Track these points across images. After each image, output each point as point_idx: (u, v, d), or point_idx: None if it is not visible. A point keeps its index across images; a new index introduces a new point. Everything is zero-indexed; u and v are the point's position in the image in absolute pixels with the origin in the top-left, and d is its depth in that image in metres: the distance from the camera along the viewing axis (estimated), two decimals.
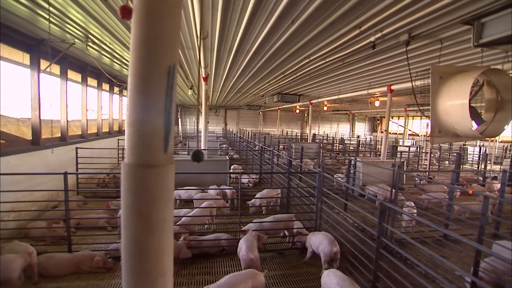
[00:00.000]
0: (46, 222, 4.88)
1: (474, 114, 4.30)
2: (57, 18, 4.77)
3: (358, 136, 26.25)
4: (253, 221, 5.06)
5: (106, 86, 11.04)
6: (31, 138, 6.12)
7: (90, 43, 6.11)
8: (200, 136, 8.84)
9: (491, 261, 3.90)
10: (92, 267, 4.08)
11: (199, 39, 4.49)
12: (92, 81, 9.58)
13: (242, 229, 4.87)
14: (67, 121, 7.63)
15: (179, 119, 27.33)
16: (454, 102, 3.92)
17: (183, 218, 5.15)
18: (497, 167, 12.60)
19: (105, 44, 6.28)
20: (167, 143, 1.21)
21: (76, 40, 5.97)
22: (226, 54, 6.78)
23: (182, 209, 5.68)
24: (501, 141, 18.80)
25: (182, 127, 27.82)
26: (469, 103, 4.02)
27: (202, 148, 8.60)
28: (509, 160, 10.69)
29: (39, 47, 5.95)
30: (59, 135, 7.48)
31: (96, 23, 4.94)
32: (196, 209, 5.42)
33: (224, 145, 18.15)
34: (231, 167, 10.07)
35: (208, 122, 9.31)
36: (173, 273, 1.33)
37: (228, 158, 9.09)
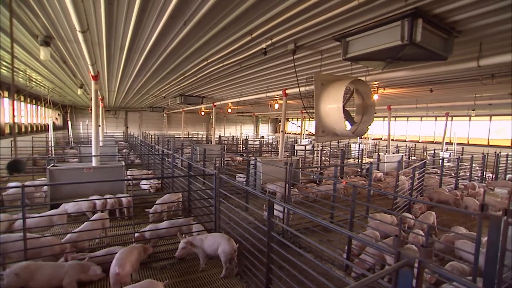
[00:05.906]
0: None
1: (348, 116, 5.10)
2: None
3: (262, 137, 27.85)
4: (147, 227, 4.80)
5: None
6: None
7: None
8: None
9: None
10: None
11: (77, 32, 4.01)
12: None
13: (136, 235, 4.59)
14: None
15: (69, 122, 23.74)
16: (332, 106, 4.56)
17: (68, 235, 4.53)
18: (370, 160, 15.21)
19: None
20: None
21: None
22: (118, 51, 6.24)
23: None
24: (373, 139, 22.81)
25: (73, 131, 24.24)
26: (344, 107, 4.75)
27: (93, 154, 7.67)
28: (376, 154, 13.02)
29: None
30: None
31: None
32: (85, 223, 4.82)
33: (125, 150, 16.71)
34: (128, 173, 9.31)
35: (99, 126, 8.37)
36: None
37: (124, 164, 8.35)
